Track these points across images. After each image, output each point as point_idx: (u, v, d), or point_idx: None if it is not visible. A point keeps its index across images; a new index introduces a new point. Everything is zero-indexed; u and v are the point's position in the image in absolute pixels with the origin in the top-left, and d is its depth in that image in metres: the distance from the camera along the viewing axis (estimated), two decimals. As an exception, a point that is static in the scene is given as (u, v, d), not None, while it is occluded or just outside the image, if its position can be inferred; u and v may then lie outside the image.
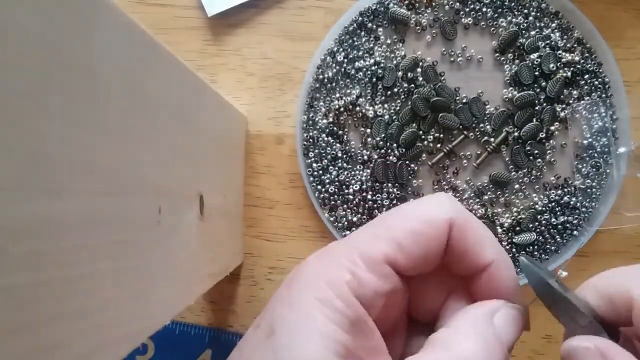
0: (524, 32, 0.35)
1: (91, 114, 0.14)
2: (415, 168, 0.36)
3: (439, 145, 0.36)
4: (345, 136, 0.36)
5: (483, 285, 0.23)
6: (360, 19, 0.36)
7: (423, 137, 0.36)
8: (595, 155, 0.35)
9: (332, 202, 0.36)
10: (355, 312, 0.20)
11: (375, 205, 0.36)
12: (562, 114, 0.35)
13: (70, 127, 0.13)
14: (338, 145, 0.36)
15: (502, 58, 0.36)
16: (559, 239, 0.35)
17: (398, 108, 0.36)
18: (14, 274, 0.11)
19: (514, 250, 0.35)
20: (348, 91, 0.36)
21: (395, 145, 0.36)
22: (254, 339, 0.22)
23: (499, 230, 0.36)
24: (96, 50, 0.14)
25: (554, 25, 0.35)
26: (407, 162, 0.36)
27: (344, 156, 0.36)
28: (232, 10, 0.37)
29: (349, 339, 0.19)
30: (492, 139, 0.36)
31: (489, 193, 0.36)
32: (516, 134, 0.36)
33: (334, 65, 0.36)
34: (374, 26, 0.36)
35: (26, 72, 0.11)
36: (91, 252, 0.14)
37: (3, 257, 0.10)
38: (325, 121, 0.36)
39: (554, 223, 0.35)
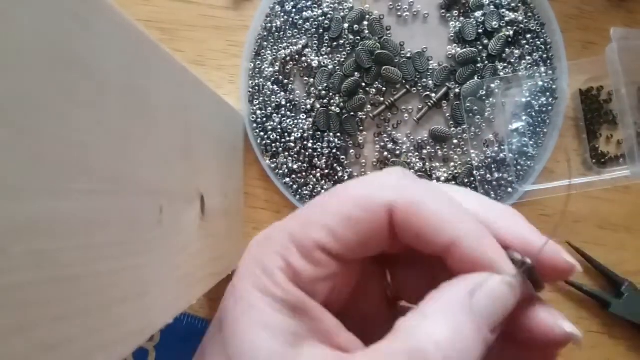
0: (470, -11, 0.36)
1: (91, 114, 0.14)
2: (361, 119, 0.36)
3: (381, 98, 0.37)
4: (290, 85, 0.37)
5: (456, 265, 0.19)
6: (309, -31, 0.36)
7: (367, 88, 0.36)
8: (533, 114, 0.36)
9: (274, 150, 0.37)
10: (295, 298, 0.19)
11: (315, 154, 0.36)
12: (502, 73, 0.36)
13: (70, 127, 0.13)
14: (282, 93, 0.37)
15: (448, 15, 0.36)
16: (493, 195, 0.36)
17: (343, 59, 0.36)
18: (14, 274, 0.11)
19: (448, 204, 0.36)
20: (295, 41, 0.36)
21: (337, 95, 0.36)
22: (209, 333, 0.21)
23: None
24: (95, 50, 0.14)
25: (499, -17, 0.36)
26: (352, 113, 0.36)
27: (288, 105, 0.37)
28: None
29: (294, 325, 0.19)
30: (433, 94, 0.36)
31: (428, 147, 0.37)
32: (457, 90, 0.36)
33: (282, 14, 0.37)
34: (323, -23, 0.36)
35: (25, 72, 0.11)
36: (92, 252, 0.14)
37: (3, 257, 0.10)
38: (271, 70, 0.37)
39: (489, 179, 0.36)
